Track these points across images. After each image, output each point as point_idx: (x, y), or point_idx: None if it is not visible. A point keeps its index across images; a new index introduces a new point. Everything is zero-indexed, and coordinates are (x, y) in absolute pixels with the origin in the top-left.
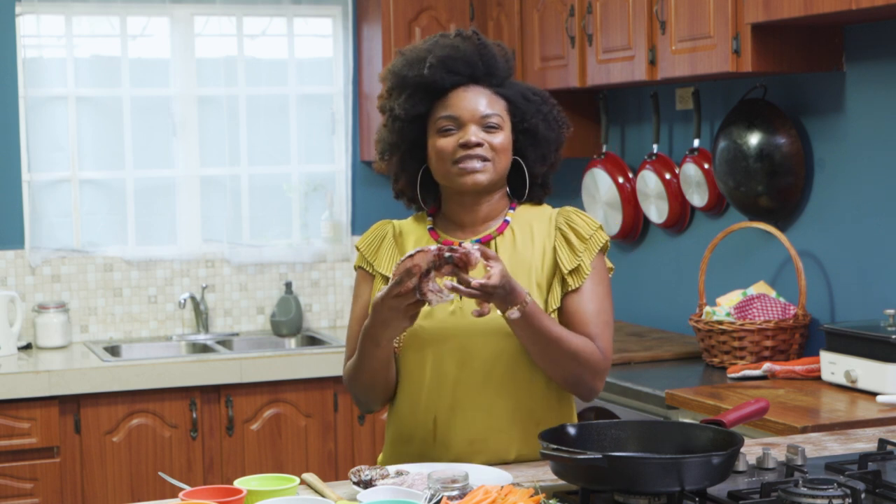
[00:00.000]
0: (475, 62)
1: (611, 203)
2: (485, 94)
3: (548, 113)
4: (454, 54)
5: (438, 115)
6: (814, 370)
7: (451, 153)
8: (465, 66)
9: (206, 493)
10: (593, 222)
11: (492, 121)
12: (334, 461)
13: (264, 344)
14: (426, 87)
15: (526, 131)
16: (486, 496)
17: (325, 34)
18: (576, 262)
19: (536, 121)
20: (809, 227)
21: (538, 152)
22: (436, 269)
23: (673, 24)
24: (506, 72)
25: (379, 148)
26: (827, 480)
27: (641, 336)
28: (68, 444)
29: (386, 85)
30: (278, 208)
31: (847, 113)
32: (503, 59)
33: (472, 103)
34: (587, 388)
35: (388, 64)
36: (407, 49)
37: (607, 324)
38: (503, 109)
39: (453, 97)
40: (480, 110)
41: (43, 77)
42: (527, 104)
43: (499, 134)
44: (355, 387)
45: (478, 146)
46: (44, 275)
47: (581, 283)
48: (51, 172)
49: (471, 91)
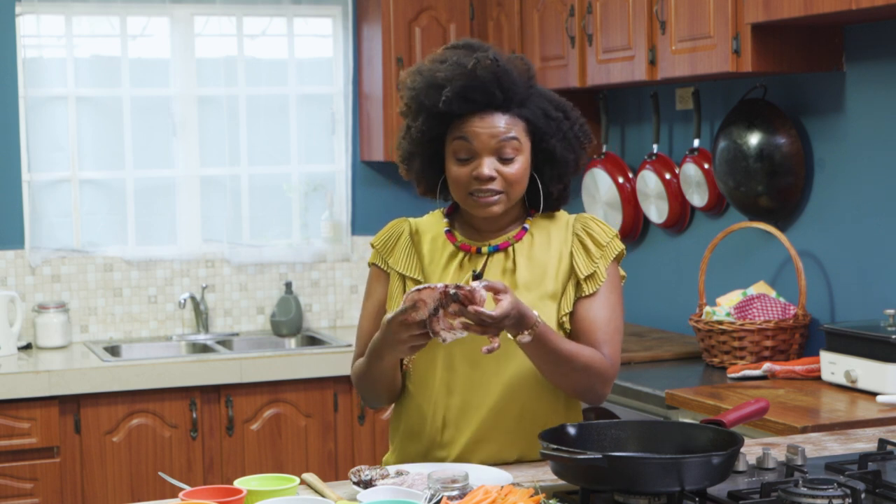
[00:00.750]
0: (493, 91)
1: (611, 203)
2: (502, 119)
3: (567, 131)
4: (472, 84)
5: (455, 135)
6: (814, 370)
7: (466, 184)
8: (483, 95)
9: (206, 493)
10: (610, 230)
11: (506, 151)
12: (334, 461)
13: (264, 344)
14: (443, 114)
15: (544, 150)
16: (486, 496)
17: (325, 34)
18: (592, 267)
19: (555, 142)
20: (809, 227)
21: (555, 171)
22: (443, 308)
23: (673, 24)
24: (526, 91)
25: (399, 155)
26: (827, 480)
27: (641, 336)
28: (68, 444)
29: (403, 98)
30: (278, 208)
31: (847, 113)
32: (524, 77)
33: (489, 131)
34: (596, 395)
35: (407, 77)
36: (426, 68)
37: (617, 330)
38: (522, 131)
39: (471, 122)
40: (496, 139)
41: (43, 77)
42: (547, 123)
43: (514, 163)
44: (362, 387)
45: (490, 180)
46: (44, 275)
47: (596, 289)
48: (51, 172)
49: (487, 119)
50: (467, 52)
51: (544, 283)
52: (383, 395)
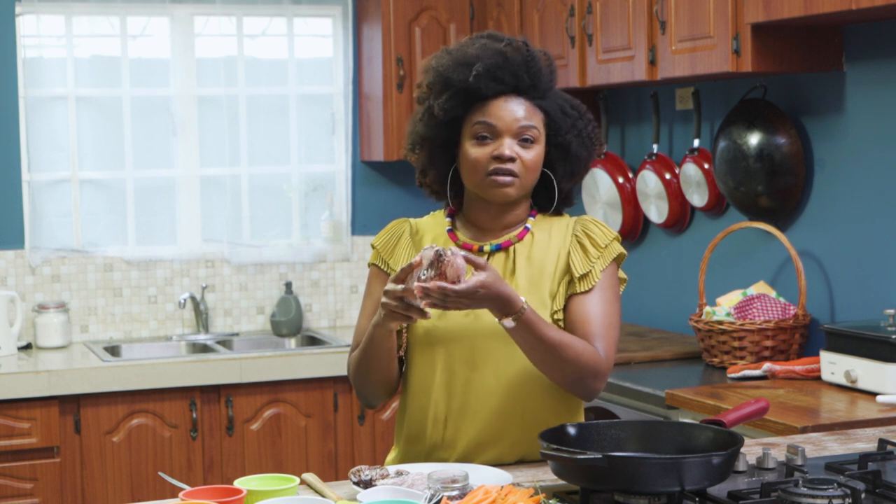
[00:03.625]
0: (521, 74)
1: (611, 203)
2: (524, 106)
3: (582, 129)
4: (502, 63)
5: (476, 119)
6: (814, 370)
7: (485, 164)
8: (511, 77)
9: (206, 493)
10: (611, 232)
11: (528, 134)
12: (334, 461)
13: (264, 344)
14: (469, 92)
15: (559, 146)
16: (486, 496)
17: (325, 34)
18: (587, 266)
19: (570, 137)
20: (809, 227)
21: (567, 168)
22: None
23: (673, 24)
24: (549, 84)
25: (410, 140)
26: (827, 480)
27: (641, 336)
28: (68, 444)
29: (426, 79)
30: (278, 208)
31: (847, 113)
32: (548, 70)
33: (511, 114)
34: (587, 389)
35: (432, 59)
36: (454, 49)
37: (611, 326)
38: (540, 122)
39: (493, 105)
40: (518, 123)
41: (43, 77)
42: (564, 119)
43: (532, 149)
44: (357, 378)
45: (510, 161)
46: (44, 275)
47: (590, 286)
48: (51, 172)
49: (511, 101)
50: (493, 41)
51: (542, 283)
52: (379, 387)
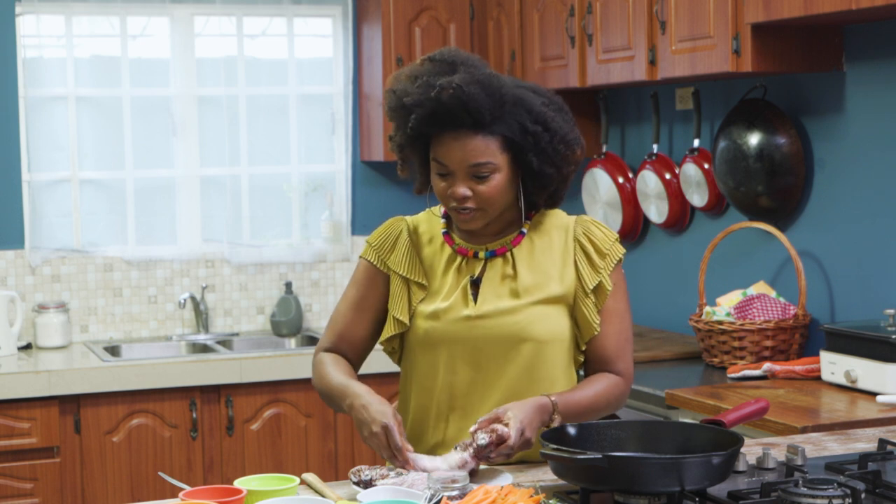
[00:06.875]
0: (458, 115)
1: (611, 203)
2: (475, 140)
3: (546, 145)
4: (437, 109)
5: (433, 153)
6: (814, 370)
7: (447, 199)
8: (450, 119)
9: (206, 493)
10: (611, 234)
11: (481, 171)
12: (334, 461)
13: (264, 344)
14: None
15: (524, 164)
16: (486, 496)
17: (325, 34)
18: (596, 278)
19: (531, 157)
20: (809, 227)
21: (535, 184)
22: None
23: (673, 24)
24: (498, 109)
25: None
26: (827, 480)
27: (641, 336)
28: (68, 444)
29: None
30: (278, 208)
31: (847, 113)
32: (494, 96)
33: (461, 153)
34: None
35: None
36: (399, 87)
37: (628, 341)
38: (498, 147)
39: (444, 143)
40: (467, 162)
41: (43, 77)
42: (524, 138)
43: (489, 181)
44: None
45: (465, 199)
46: (44, 275)
47: (600, 300)
48: (51, 172)
49: (462, 137)
50: (444, 69)
51: (548, 286)
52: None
